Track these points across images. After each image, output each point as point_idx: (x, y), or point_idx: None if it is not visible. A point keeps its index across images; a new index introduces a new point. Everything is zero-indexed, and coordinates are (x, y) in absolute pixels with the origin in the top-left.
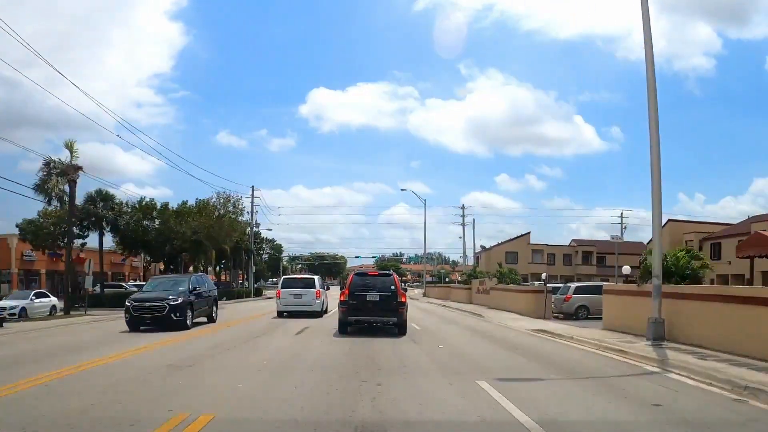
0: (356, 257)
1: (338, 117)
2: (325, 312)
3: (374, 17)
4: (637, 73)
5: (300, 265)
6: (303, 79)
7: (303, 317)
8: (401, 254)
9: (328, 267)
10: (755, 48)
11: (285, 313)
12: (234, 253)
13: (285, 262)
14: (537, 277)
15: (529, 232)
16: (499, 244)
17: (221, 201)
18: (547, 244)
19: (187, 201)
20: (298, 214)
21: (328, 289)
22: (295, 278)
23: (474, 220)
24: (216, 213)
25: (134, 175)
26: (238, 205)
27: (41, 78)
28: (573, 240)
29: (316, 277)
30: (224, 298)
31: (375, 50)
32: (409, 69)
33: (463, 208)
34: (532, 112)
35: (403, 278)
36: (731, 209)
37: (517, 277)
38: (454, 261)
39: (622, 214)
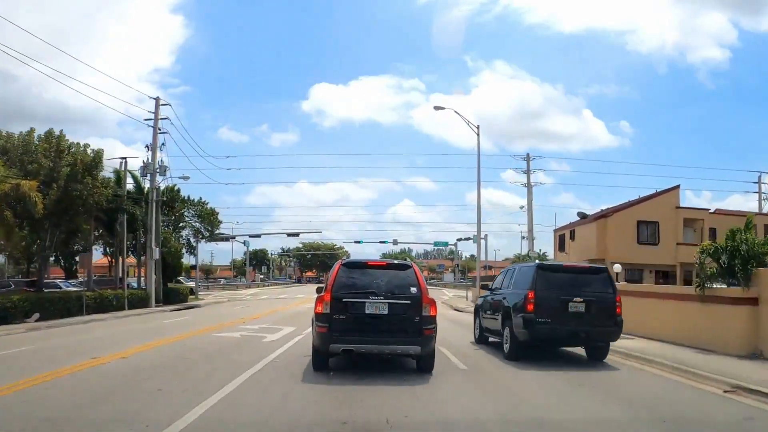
0: (357, 242)
1: (341, 112)
2: None
3: (377, 9)
4: (648, 66)
5: (291, 259)
6: (304, 74)
7: None
8: (409, 250)
9: (323, 261)
10: None
11: None
12: (68, 203)
13: (274, 255)
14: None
15: (677, 186)
16: (613, 210)
17: None
18: (708, 211)
19: None
20: (303, 210)
21: None
22: None
23: (532, 185)
24: None
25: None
26: None
27: (38, 72)
28: (717, 209)
29: None
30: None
31: (378, 43)
32: (413, 62)
33: (528, 157)
34: (539, 106)
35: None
36: (740, 206)
37: None
38: (473, 255)
39: (759, 178)
